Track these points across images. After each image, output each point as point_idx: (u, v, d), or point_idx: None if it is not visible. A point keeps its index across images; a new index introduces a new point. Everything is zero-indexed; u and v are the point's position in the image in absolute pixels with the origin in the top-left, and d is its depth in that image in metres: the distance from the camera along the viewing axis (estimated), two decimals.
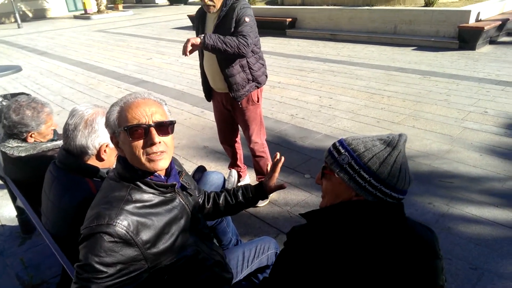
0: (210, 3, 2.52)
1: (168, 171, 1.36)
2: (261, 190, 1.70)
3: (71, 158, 1.56)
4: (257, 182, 1.75)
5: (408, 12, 9.35)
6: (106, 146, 1.59)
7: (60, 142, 2.06)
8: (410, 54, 8.02)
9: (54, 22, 22.09)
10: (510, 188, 3.11)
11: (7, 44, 14.03)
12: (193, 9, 19.53)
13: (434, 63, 7.13)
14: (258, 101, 2.88)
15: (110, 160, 1.63)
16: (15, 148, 1.98)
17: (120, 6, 25.36)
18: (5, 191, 3.48)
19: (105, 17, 22.22)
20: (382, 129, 4.42)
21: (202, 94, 3.17)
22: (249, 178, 3.47)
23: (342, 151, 1.08)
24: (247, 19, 2.52)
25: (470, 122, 4.42)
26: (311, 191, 3.25)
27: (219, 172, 2.28)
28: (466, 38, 8.03)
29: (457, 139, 4.03)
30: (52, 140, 2.08)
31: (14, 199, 2.77)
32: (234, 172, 3.30)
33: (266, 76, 2.89)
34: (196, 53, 2.75)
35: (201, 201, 1.70)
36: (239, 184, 3.35)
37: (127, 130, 1.20)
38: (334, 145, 1.13)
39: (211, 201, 1.73)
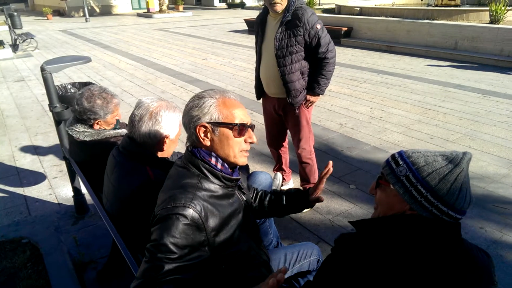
0: (278, 0, 2.53)
1: (233, 167, 1.42)
2: (306, 199, 1.70)
3: (134, 146, 1.66)
4: (303, 189, 1.75)
5: (472, 28, 8.96)
6: (167, 137, 1.68)
7: (121, 131, 2.19)
8: (470, 72, 7.67)
9: (119, 19, 23.31)
10: None
11: (75, 36, 15.00)
12: (249, 14, 19.88)
13: (496, 82, 6.77)
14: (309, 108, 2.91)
15: (168, 151, 1.72)
16: (81, 133, 2.13)
17: (181, 7, 26.35)
18: (64, 172, 3.75)
19: (166, 17, 23.14)
20: (435, 146, 4.26)
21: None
22: (293, 182, 3.48)
23: (401, 162, 1.06)
24: (318, 26, 2.57)
25: None
26: (355, 202, 3.20)
27: (267, 173, 2.31)
28: None
29: None
30: (115, 128, 2.21)
31: (72, 180, 2.97)
32: (279, 175, 3.34)
33: None
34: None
35: (251, 199, 1.75)
36: (282, 187, 3.38)
37: (239, 127, 1.31)
38: (393, 155, 1.11)
39: (257, 199, 1.77)
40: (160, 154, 1.70)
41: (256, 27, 2.86)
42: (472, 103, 5.69)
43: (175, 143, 1.75)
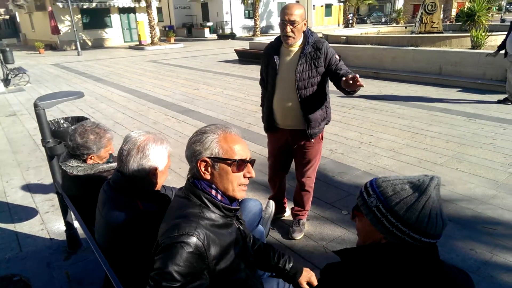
0: (291, 34, 2.59)
1: (232, 201, 1.47)
2: (289, 275, 1.75)
3: (124, 180, 1.68)
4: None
5: (455, 54, 9.26)
6: (156, 169, 1.71)
7: (114, 165, 2.23)
8: (455, 95, 7.88)
9: (111, 51, 23.65)
10: None
11: (67, 70, 15.17)
12: (239, 44, 20.30)
13: (480, 105, 6.96)
14: (322, 138, 2.93)
15: (159, 182, 1.76)
16: (74, 168, 2.16)
17: (172, 39, 26.89)
18: (56, 206, 3.73)
19: (158, 49, 23.56)
20: (424, 169, 4.34)
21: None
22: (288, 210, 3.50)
23: (371, 193, 1.08)
24: (337, 56, 2.66)
25: None
26: (347, 227, 3.23)
27: (256, 200, 2.34)
28: None
29: (503, 184, 3.88)
30: (108, 162, 2.25)
31: (65, 214, 2.96)
32: (272, 203, 3.35)
33: None
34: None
35: None
36: (283, 218, 3.41)
37: (238, 163, 1.37)
38: (365, 185, 1.13)
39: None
40: (151, 186, 1.73)
41: (266, 58, 2.82)
42: (458, 126, 5.83)
43: (165, 174, 1.79)
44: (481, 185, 3.89)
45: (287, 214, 3.46)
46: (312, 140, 2.83)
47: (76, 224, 3.00)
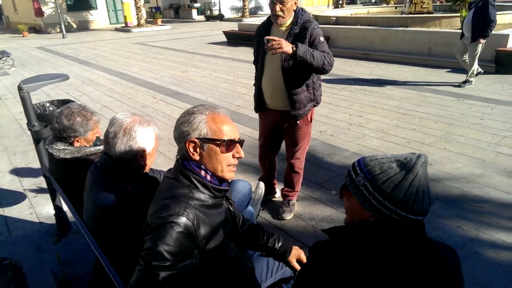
0: (280, 13, 2.55)
1: (221, 181, 1.47)
2: (279, 254, 1.77)
3: (111, 163, 1.66)
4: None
5: (443, 34, 9.27)
6: (143, 151, 1.69)
7: (101, 147, 2.20)
8: (445, 76, 7.92)
9: (97, 34, 23.16)
10: None
11: (52, 53, 14.84)
12: (228, 26, 20.02)
13: (469, 86, 7.01)
14: (311, 121, 2.92)
15: (148, 164, 1.75)
16: (61, 151, 2.13)
17: (159, 21, 26.37)
18: (44, 190, 3.70)
19: (144, 31, 23.11)
20: (412, 149, 4.38)
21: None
22: (278, 192, 3.52)
23: (359, 172, 1.09)
24: (321, 39, 2.59)
25: (504, 147, 4.32)
26: (337, 207, 3.27)
27: (245, 181, 2.35)
28: (503, 62, 7.87)
29: (490, 163, 3.95)
30: (95, 145, 2.22)
31: (53, 198, 2.94)
32: (262, 184, 3.36)
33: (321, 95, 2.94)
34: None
35: None
36: (273, 199, 3.43)
37: (226, 143, 1.36)
38: (353, 164, 1.14)
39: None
40: (139, 169, 1.72)
41: (257, 38, 2.80)
42: (446, 107, 5.88)
43: (153, 156, 1.77)
44: (468, 164, 3.95)
45: (278, 195, 3.48)
46: (299, 122, 2.83)
47: (65, 207, 2.98)
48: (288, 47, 2.37)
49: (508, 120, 5.16)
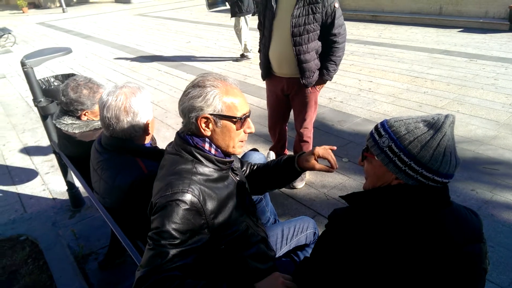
0: None
1: (228, 155, 1.43)
2: (293, 164, 1.66)
3: (119, 142, 1.61)
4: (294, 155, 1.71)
5: None
6: (149, 120, 1.65)
7: None
8: (456, 36, 7.66)
9: (97, 7, 22.71)
10: None
11: (53, 28, 14.62)
12: None
13: (482, 45, 6.79)
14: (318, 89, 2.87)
15: (152, 131, 1.71)
16: (69, 125, 2.10)
17: None
18: (55, 167, 3.72)
19: (145, 1, 22.58)
20: (424, 113, 4.29)
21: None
22: None
23: (383, 133, 1.05)
24: (336, 5, 2.49)
25: None
26: (348, 174, 3.24)
27: (260, 153, 2.32)
28: None
29: (504, 125, 3.85)
30: None
31: (65, 174, 2.95)
32: (272, 154, 3.35)
33: None
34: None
35: (245, 173, 1.76)
36: None
37: (241, 120, 1.32)
38: (376, 126, 1.10)
39: (250, 172, 1.78)
40: (147, 139, 1.68)
41: (264, 2, 2.69)
42: (459, 68, 5.71)
43: (154, 120, 1.73)
44: (482, 126, 3.87)
45: None
46: (308, 90, 2.76)
47: (77, 183, 2.99)
48: (321, 86, 2.80)
49: None
